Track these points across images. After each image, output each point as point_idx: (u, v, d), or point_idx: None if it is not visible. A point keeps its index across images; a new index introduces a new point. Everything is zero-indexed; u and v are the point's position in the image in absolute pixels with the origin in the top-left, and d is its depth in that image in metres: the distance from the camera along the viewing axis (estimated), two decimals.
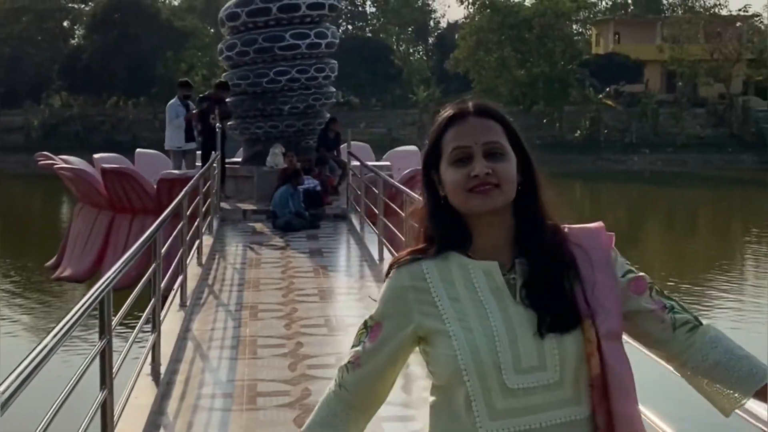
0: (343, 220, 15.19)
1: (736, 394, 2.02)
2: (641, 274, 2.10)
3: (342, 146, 17.69)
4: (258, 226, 14.66)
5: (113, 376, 4.68)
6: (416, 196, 7.95)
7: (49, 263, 16.36)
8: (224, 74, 18.06)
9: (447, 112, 2.10)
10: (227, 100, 16.99)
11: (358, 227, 13.76)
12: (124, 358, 5.22)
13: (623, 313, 2.04)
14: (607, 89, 62.00)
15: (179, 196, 8.85)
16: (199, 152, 16.46)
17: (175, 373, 7.03)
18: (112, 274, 4.64)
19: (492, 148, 2.03)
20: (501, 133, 2.05)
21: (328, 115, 17.96)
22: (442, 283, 2.05)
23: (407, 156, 18.75)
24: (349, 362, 2.16)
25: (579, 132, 57.14)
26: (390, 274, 2.11)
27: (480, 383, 1.97)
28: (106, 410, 4.53)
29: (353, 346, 2.16)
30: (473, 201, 2.01)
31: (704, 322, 2.10)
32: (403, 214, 9.39)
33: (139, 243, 5.83)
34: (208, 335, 8.32)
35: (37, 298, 17.31)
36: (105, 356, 4.55)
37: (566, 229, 2.09)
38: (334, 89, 18.67)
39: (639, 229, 28.76)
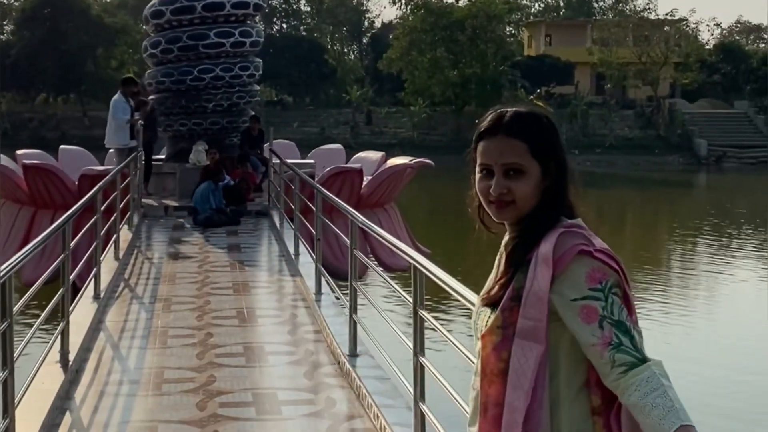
0: (264, 216, 15.42)
1: None
2: (592, 305, 2.17)
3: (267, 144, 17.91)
4: (179, 221, 14.84)
5: (15, 358, 4.90)
6: (328, 193, 8.26)
7: None
8: (148, 72, 18.17)
9: (483, 123, 2.36)
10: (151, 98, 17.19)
11: (278, 224, 14.01)
12: (28, 342, 5.43)
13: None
14: (538, 90, 62.90)
15: (92, 191, 9.04)
16: None
17: (84, 361, 7.25)
18: (14, 261, 4.86)
19: (509, 168, 2.29)
20: (523, 151, 2.29)
21: (252, 113, 18.18)
22: (499, 255, 2.43)
23: (332, 154, 19.02)
24: None
25: None
26: None
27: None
28: (6, 390, 4.75)
29: None
30: (491, 211, 2.33)
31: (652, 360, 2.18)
32: (314, 210, 9.67)
33: (46, 233, 6.04)
34: (121, 326, 8.53)
35: None
36: (5, 339, 4.77)
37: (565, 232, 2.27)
38: (259, 87, 18.89)
39: None
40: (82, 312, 8.34)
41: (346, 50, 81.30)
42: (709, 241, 26.60)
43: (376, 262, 14.11)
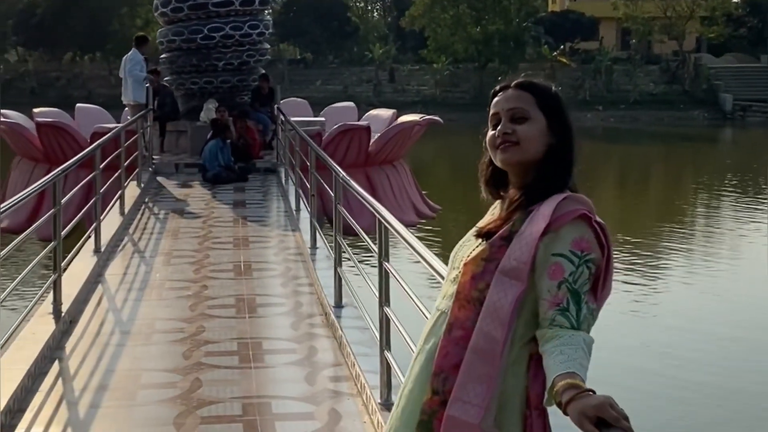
0: (273, 173, 15.60)
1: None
2: (563, 265, 2.32)
3: (284, 101, 18.09)
4: (188, 178, 15.08)
5: None
6: (319, 149, 8.41)
7: None
8: (159, 30, 18.31)
9: (495, 88, 2.57)
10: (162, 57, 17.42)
11: (284, 181, 14.19)
12: (10, 292, 5.67)
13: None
14: (562, 47, 62.49)
15: (89, 147, 9.25)
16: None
17: (79, 312, 7.50)
18: None
19: (515, 112, 2.46)
20: (530, 101, 2.47)
21: (262, 71, 18.31)
22: (499, 202, 2.58)
23: (343, 112, 19.13)
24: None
25: None
26: None
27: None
28: None
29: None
30: (498, 157, 2.48)
31: (583, 330, 2.30)
32: (308, 166, 9.85)
33: (33, 187, 6.26)
34: (119, 279, 8.78)
35: None
36: None
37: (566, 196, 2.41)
38: (269, 46, 18.96)
39: (591, 186, 29.21)
40: (81, 265, 8.59)
41: (369, 7, 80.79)
42: (733, 196, 26.46)
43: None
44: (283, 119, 15.06)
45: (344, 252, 7.37)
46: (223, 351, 6.58)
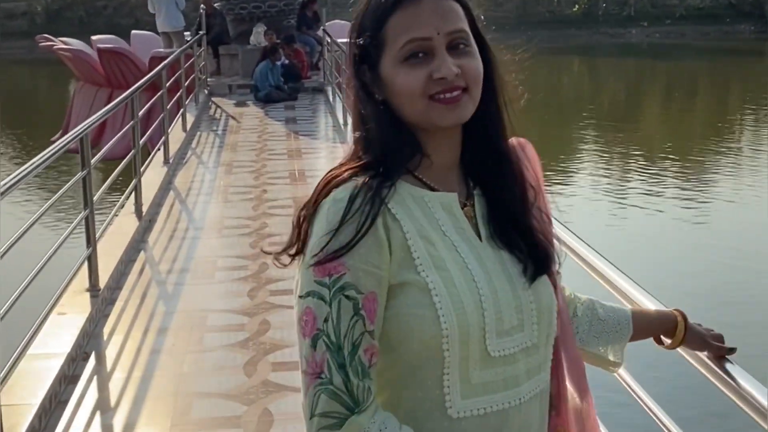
0: (320, 92, 16.48)
1: (618, 351, 1.85)
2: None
3: (329, 23, 18.82)
4: (241, 98, 16.03)
5: (93, 200, 6.09)
6: None
7: (54, 137, 17.72)
8: None
9: None
10: None
11: (331, 98, 15.06)
12: (104, 189, 6.66)
13: None
14: None
15: (156, 68, 10.17)
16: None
17: (156, 213, 8.51)
18: (92, 120, 6.04)
19: (457, 38, 1.48)
20: (464, 17, 1.51)
21: None
22: (409, 219, 1.47)
23: None
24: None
25: (577, 6, 57.45)
26: (334, 199, 1.44)
27: (460, 352, 1.44)
28: (88, 225, 5.95)
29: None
30: (438, 112, 1.46)
31: None
32: None
33: (115, 102, 7.20)
34: (188, 186, 9.79)
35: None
36: (86, 184, 5.95)
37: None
38: None
39: (637, 102, 29.47)
40: (154, 174, 9.60)
41: None
42: None
43: None
44: (329, 41, 15.82)
45: None
46: (285, 242, 7.52)
